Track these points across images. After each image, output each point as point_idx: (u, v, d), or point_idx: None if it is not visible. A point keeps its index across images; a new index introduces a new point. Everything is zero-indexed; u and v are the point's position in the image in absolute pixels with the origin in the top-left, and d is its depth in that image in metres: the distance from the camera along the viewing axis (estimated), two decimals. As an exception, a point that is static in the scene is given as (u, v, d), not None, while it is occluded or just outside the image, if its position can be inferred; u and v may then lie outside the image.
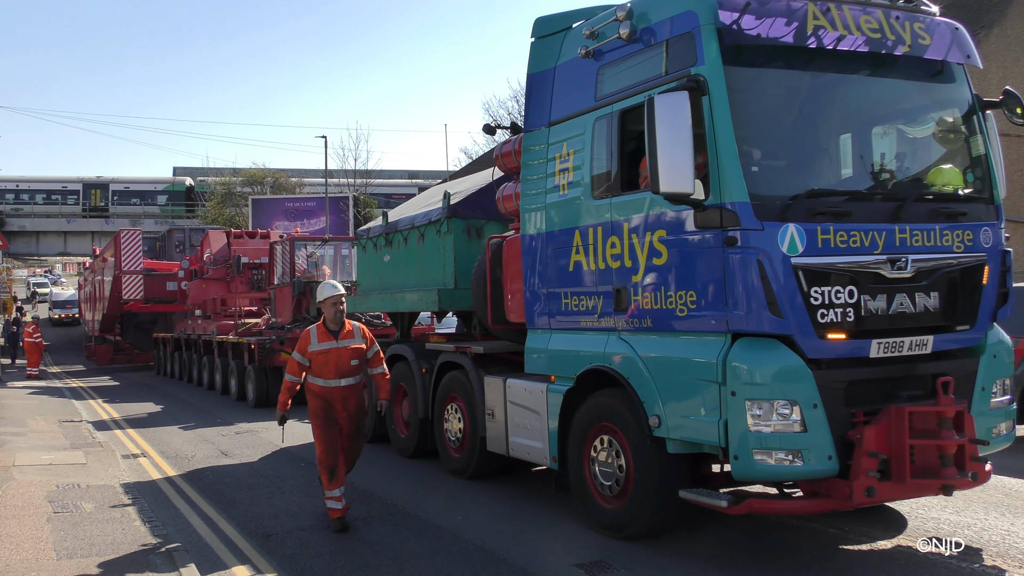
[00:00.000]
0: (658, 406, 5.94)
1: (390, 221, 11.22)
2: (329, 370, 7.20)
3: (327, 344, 7.22)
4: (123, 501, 8.29)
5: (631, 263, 6.24)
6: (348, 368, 7.27)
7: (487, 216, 9.62)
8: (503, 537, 6.87)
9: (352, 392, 7.35)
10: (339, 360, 7.22)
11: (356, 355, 7.31)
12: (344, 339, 7.28)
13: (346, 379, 7.27)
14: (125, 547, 6.65)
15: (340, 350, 7.23)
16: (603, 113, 6.57)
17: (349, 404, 7.33)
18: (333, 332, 7.27)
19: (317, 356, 7.21)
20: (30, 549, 6.56)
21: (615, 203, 6.42)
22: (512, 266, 8.05)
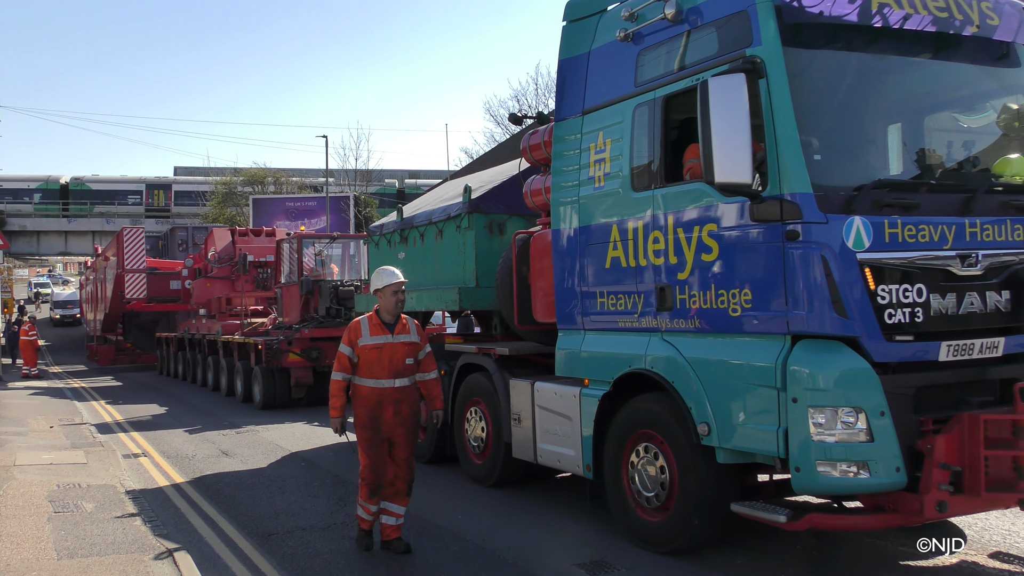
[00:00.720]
0: (707, 413, 5.53)
1: (405, 216, 10.81)
2: (382, 368, 6.26)
3: (381, 338, 6.27)
4: (124, 501, 8.23)
5: (676, 259, 5.83)
6: (403, 367, 6.33)
7: (509, 211, 9.21)
8: (504, 537, 6.83)
9: (406, 396, 6.36)
10: (394, 357, 6.28)
11: (412, 352, 6.39)
12: (400, 334, 6.35)
13: (400, 379, 6.32)
14: (126, 547, 6.63)
15: (395, 346, 6.29)
16: (644, 100, 6.16)
17: (403, 410, 6.33)
18: (388, 325, 6.33)
19: (368, 352, 6.25)
20: (31, 549, 6.53)
21: (658, 195, 6.01)
22: (540, 263, 7.64)
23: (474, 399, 8.70)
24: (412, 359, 6.41)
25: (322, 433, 12.70)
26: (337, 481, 9.36)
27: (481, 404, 8.55)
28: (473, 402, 8.72)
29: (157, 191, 58.77)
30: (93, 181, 60.39)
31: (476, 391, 8.64)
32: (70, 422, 14.54)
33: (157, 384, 22.37)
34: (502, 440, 8.08)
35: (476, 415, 8.63)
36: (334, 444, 11.62)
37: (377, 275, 6.46)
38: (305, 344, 15.54)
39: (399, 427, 6.33)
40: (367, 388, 6.32)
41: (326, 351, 15.62)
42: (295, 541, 6.90)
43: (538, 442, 7.44)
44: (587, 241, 6.73)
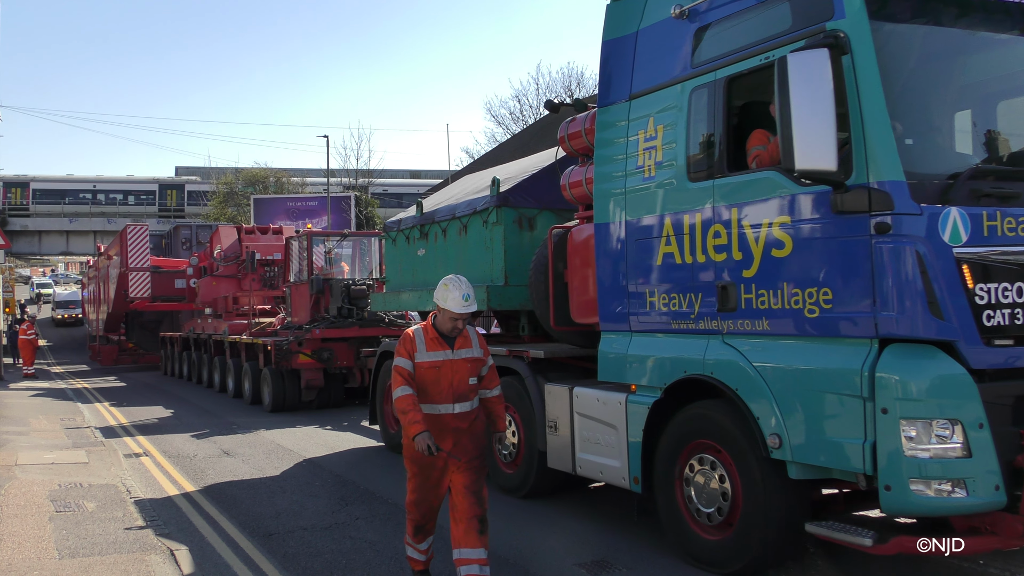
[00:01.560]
0: (778, 423, 5.03)
1: (426, 211, 10.30)
2: (440, 391, 5.28)
3: (439, 355, 5.27)
4: (125, 500, 8.21)
5: (741, 255, 5.33)
6: (465, 388, 5.35)
7: (540, 205, 8.70)
8: (505, 536, 6.69)
9: (468, 422, 5.39)
10: (455, 377, 5.30)
11: (475, 370, 5.43)
12: (461, 349, 5.35)
13: (462, 404, 5.33)
14: (127, 546, 6.61)
15: (456, 364, 5.31)
16: (703, 82, 5.66)
17: (464, 440, 5.34)
18: (447, 339, 5.33)
19: (425, 371, 5.26)
20: (32, 548, 6.52)
21: (720, 186, 5.51)
22: (579, 260, 7.15)
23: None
24: (475, 378, 5.43)
25: (336, 437, 12.22)
26: (338, 481, 9.26)
27: (512, 410, 8.05)
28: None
29: (170, 191, 58.61)
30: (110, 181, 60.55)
31: (506, 396, 8.11)
32: (73, 424, 14.12)
33: (161, 385, 21.88)
34: (535, 449, 7.59)
35: (507, 422, 8.12)
36: (351, 449, 11.19)
37: (444, 290, 5.29)
38: (316, 345, 15.04)
39: (463, 456, 5.34)
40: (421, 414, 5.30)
41: (337, 352, 15.15)
42: (296, 541, 6.85)
43: (577, 452, 6.95)
44: (635, 236, 6.23)
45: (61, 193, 58.10)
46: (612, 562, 6.06)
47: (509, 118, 53.91)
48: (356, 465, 10.04)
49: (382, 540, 6.79)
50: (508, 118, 53.98)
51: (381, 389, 11.01)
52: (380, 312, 15.39)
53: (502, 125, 54.54)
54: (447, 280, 5.32)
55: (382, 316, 15.38)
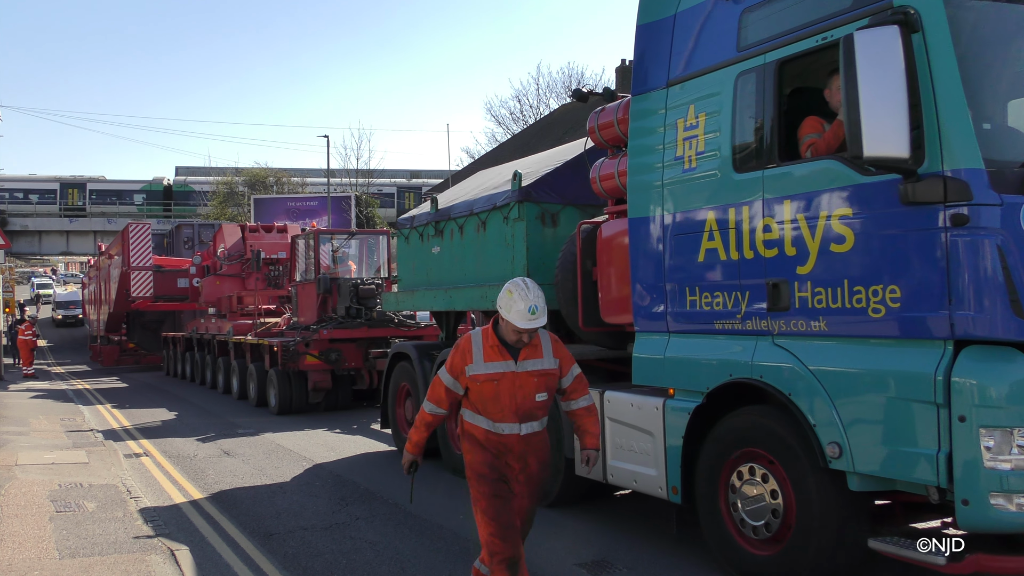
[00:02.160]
0: (838, 431, 4.67)
1: (441, 207, 9.94)
2: (501, 408, 4.53)
3: (499, 365, 4.52)
4: (126, 500, 8.19)
5: (795, 250, 4.97)
6: (532, 405, 4.57)
7: (563, 200, 8.34)
8: None
9: (535, 445, 4.67)
10: (519, 392, 4.53)
11: (547, 385, 4.62)
12: (528, 359, 4.56)
13: (529, 424, 4.59)
14: (127, 546, 6.60)
15: (521, 377, 4.52)
16: (751, 66, 5.30)
17: (530, 462, 4.67)
18: (510, 347, 4.56)
19: (483, 384, 4.51)
20: (32, 548, 6.51)
21: (771, 176, 5.15)
22: (609, 257, 6.79)
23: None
24: (547, 393, 4.63)
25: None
26: (338, 481, 9.20)
27: (535, 414, 7.70)
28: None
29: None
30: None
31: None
32: (73, 425, 13.80)
33: (163, 386, 21.52)
34: (562, 455, 7.23)
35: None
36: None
37: (507, 298, 4.48)
38: (324, 346, 14.67)
39: (524, 485, 4.70)
40: (482, 431, 4.61)
41: (345, 353, 14.79)
42: (297, 541, 6.86)
43: (609, 459, 6.59)
44: (675, 231, 5.88)
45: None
46: (612, 562, 6.03)
47: (509, 118, 54.09)
48: (368, 471, 9.71)
49: (382, 540, 6.79)
50: (508, 118, 54.18)
51: (393, 392, 10.66)
52: (389, 312, 15.05)
53: (502, 125, 54.60)
54: (512, 286, 4.49)
55: (391, 316, 15.03)
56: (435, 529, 7.06)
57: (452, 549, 6.50)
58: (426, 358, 9.86)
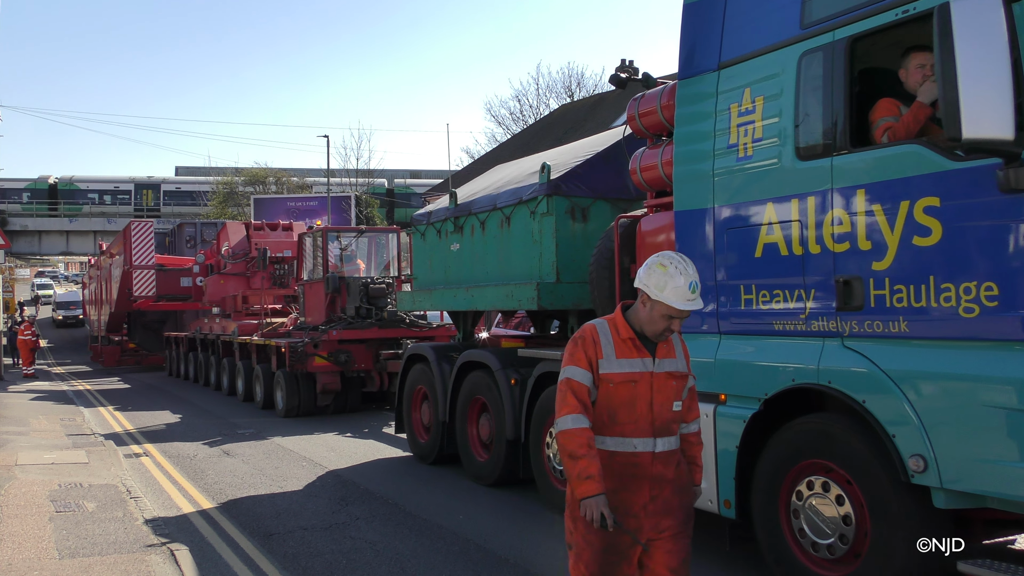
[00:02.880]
0: (923, 443, 4.24)
1: (460, 202, 9.51)
2: (635, 418, 3.59)
3: (636, 363, 3.61)
4: (125, 500, 8.17)
5: (870, 244, 4.54)
6: (669, 416, 3.67)
7: (594, 194, 7.92)
8: (505, 537, 6.79)
9: (673, 467, 3.72)
10: (656, 398, 3.62)
11: (679, 391, 3.73)
12: (665, 359, 3.68)
13: (664, 439, 3.66)
14: (127, 546, 6.58)
15: (658, 379, 3.63)
16: (818, 44, 4.87)
17: (666, 491, 3.66)
18: (648, 342, 3.66)
19: (616, 387, 3.57)
20: (32, 548, 6.50)
21: (841, 164, 4.72)
22: (650, 253, 6.35)
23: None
24: (681, 403, 3.75)
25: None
26: (338, 481, 9.15)
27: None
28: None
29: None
30: None
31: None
32: (75, 429, 13.39)
33: (166, 387, 21.09)
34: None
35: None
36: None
37: (660, 273, 3.55)
38: (333, 347, 14.23)
39: (664, 520, 3.64)
40: (604, 454, 3.56)
41: (355, 354, 14.35)
42: (296, 541, 6.85)
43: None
44: (727, 224, 5.45)
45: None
46: None
47: (509, 118, 54.13)
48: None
49: (382, 540, 6.80)
50: (508, 118, 54.25)
51: (409, 395, 10.24)
52: (401, 312, 14.62)
53: (502, 125, 54.63)
54: (665, 260, 3.58)
55: (402, 316, 14.60)
56: (435, 529, 7.07)
57: (452, 549, 6.50)
58: (445, 360, 9.45)
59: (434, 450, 9.59)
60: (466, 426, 8.93)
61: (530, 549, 6.47)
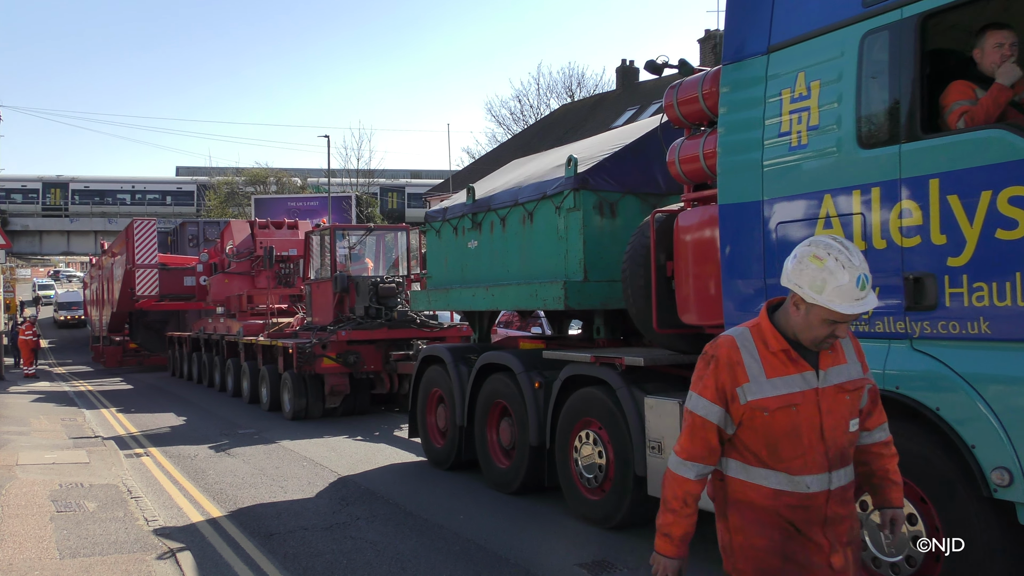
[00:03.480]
0: (1007, 455, 3.89)
1: (479, 198, 9.15)
2: (802, 449, 2.83)
3: (796, 382, 2.84)
4: (126, 500, 8.14)
5: (945, 238, 4.19)
6: (846, 440, 2.91)
7: (623, 188, 7.56)
8: (505, 537, 6.79)
9: (850, 506, 2.96)
10: (827, 420, 2.85)
11: (855, 406, 2.95)
12: (832, 368, 2.89)
13: (840, 472, 2.90)
14: (128, 546, 6.56)
15: (827, 396, 2.86)
16: (882, 23, 4.51)
17: (843, 535, 2.90)
18: (806, 352, 2.87)
19: (775, 415, 2.82)
20: (33, 548, 6.48)
21: (911, 152, 4.36)
22: (689, 249, 6.01)
23: (585, 420, 7.06)
24: (858, 419, 2.95)
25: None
26: (339, 481, 9.08)
27: (596, 427, 6.92)
28: (584, 423, 7.08)
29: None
30: None
31: (589, 410, 7.00)
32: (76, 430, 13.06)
33: (169, 388, 20.73)
34: (630, 473, 6.45)
35: (589, 440, 6.99)
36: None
37: (819, 267, 2.72)
38: (341, 348, 13.85)
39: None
40: (768, 494, 2.85)
41: (364, 355, 13.98)
42: (297, 540, 6.84)
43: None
44: (779, 218, 5.09)
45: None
46: (613, 562, 6.04)
47: (510, 118, 54.13)
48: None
49: (383, 540, 6.78)
50: (509, 118, 54.18)
51: (423, 399, 9.88)
52: (411, 312, 14.27)
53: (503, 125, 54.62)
54: (821, 249, 2.74)
55: (413, 316, 14.24)
56: (435, 529, 7.05)
57: (452, 549, 6.50)
58: (462, 362, 9.09)
59: (451, 456, 9.24)
60: (485, 431, 8.58)
61: (531, 549, 6.48)
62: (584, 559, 6.12)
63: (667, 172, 7.24)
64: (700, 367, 2.96)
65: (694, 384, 2.95)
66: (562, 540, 6.67)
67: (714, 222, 5.71)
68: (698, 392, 2.92)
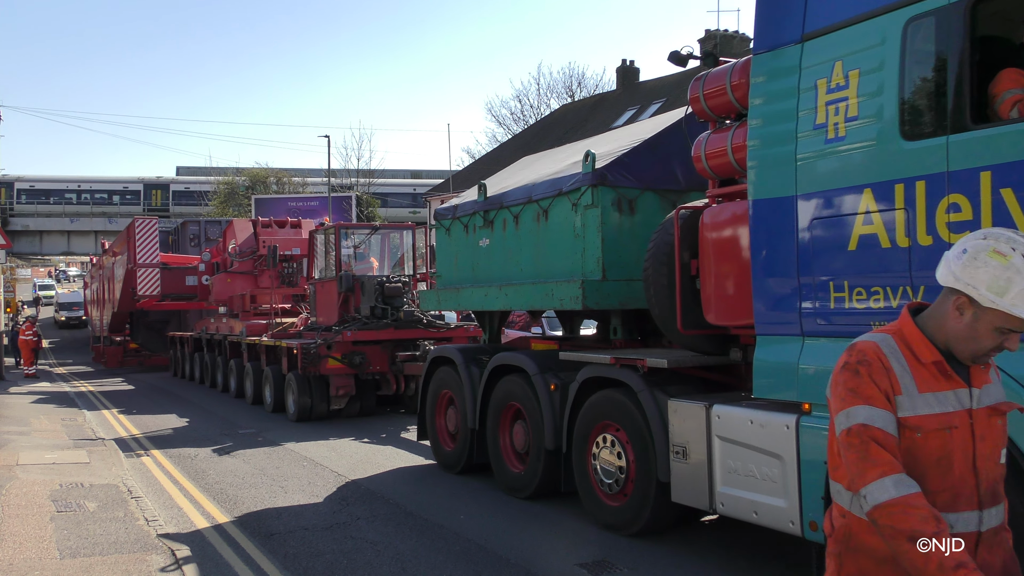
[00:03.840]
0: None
1: (491, 195, 8.93)
2: (951, 480, 2.36)
3: (950, 399, 2.39)
4: (126, 500, 8.11)
5: (998, 234, 3.96)
6: (997, 472, 2.45)
7: (641, 184, 7.34)
8: (506, 536, 6.80)
9: (997, 551, 2.45)
10: (980, 448, 2.40)
11: (1004, 430, 2.49)
12: (986, 387, 2.44)
13: (992, 511, 2.42)
14: (128, 546, 6.54)
15: (981, 419, 2.41)
16: (930, 8, 4.29)
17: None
18: (956, 365, 2.42)
19: (928, 437, 2.35)
20: (33, 548, 6.45)
21: (960, 143, 4.14)
22: (715, 247, 5.80)
23: (603, 423, 6.85)
24: (1005, 448, 2.51)
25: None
26: (345, 484, 9.01)
27: (615, 429, 6.70)
28: (602, 427, 6.87)
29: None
30: None
31: (608, 413, 6.78)
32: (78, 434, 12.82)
33: (171, 388, 20.51)
34: (653, 478, 6.23)
35: (608, 444, 6.77)
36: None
37: (1002, 264, 2.25)
38: (347, 348, 13.65)
39: None
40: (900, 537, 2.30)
41: (370, 356, 13.78)
42: (297, 540, 6.84)
43: (719, 485, 5.59)
44: (815, 214, 4.87)
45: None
46: (614, 562, 6.05)
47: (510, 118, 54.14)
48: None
49: (383, 540, 6.77)
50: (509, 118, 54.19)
51: (432, 400, 9.67)
52: (417, 312, 14.06)
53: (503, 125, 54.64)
54: (1002, 242, 2.29)
55: (419, 316, 14.03)
56: (436, 529, 7.05)
57: (453, 549, 6.50)
58: (474, 363, 8.88)
59: (461, 459, 9.02)
60: (498, 434, 8.36)
61: (531, 548, 6.48)
62: (584, 559, 6.11)
63: (687, 168, 7.03)
64: (848, 378, 2.40)
65: (848, 399, 2.37)
66: (562, 540, 6.68)
67: (742, 218, 5.50)
68: (863, 403, 2.34)
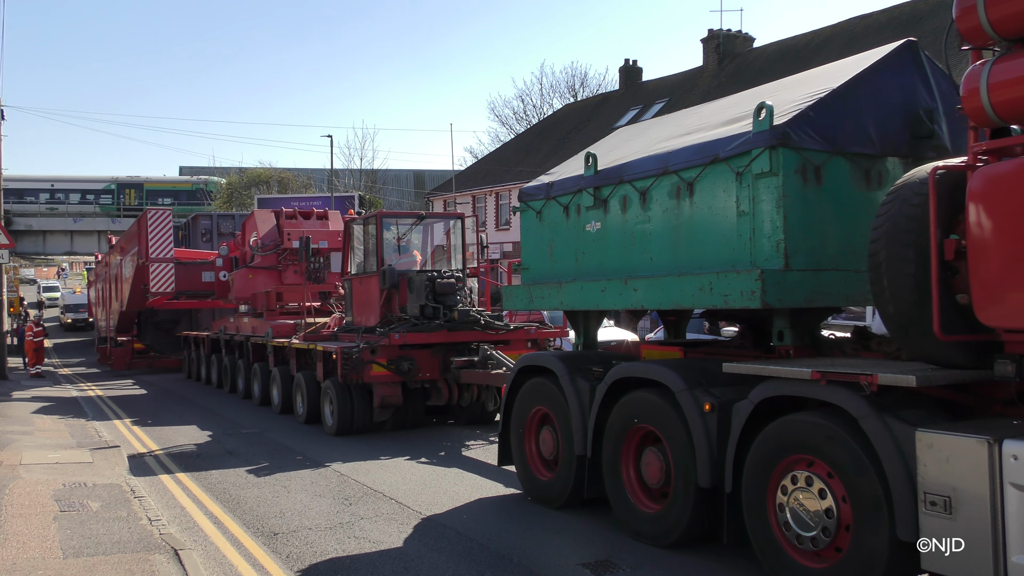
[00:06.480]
0: None
1: (602, 169, 7.28)
2: None
3: None
4: (130, 500, 8.03)
5: None
6: None
7: (830, 147, 5.70)
8: (509, 536, 6.72)
9: None
10: None
11: None
12: None
13: None
14: (131, 546, 6.46)
15: None
16: None
17: None
18: None
19: None
20: (36, 547, 6.39)
21: None
22: (998, 221, 4.16)
23: (793, 457, 5.20)
24: None
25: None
26: (342, 481, 8.94)
27: (816, 466, 5.05)
28: (791, 463, 5.22)
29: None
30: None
31: (803, 445, 5.13)
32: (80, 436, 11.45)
33: (188, 393, 18.84)
34: (882, 534, 4.59)
35: (805, 484, 5.12)
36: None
37: None
38: (394, 353, 11.94)
39: None
40: None
41: (419, 361, 12.10)
42: (300, 540, 6.79)
43: (1014, 554, 3.96)
44: None
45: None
46: (616, 562, 6.03)
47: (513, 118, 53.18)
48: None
49: (386, 540, 6.71)
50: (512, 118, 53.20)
51: (520, 418, 8.06)
52: (473, 311, 12.38)
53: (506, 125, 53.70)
54: None
55: (476, 316, 12.33)
56: (439, 529, 6.99)
57: (456, 548, 6.45)
58: (581, 374, 7.26)
59: (565, 491, 7.38)
60: (619, 465, 6.72)
61: (533, 548, 6.43)
62: (586, 558, 6.11)
63: (882, 126, 5.45)
64: None
65: None
66: (565, 540, 6.66)
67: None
68: None
